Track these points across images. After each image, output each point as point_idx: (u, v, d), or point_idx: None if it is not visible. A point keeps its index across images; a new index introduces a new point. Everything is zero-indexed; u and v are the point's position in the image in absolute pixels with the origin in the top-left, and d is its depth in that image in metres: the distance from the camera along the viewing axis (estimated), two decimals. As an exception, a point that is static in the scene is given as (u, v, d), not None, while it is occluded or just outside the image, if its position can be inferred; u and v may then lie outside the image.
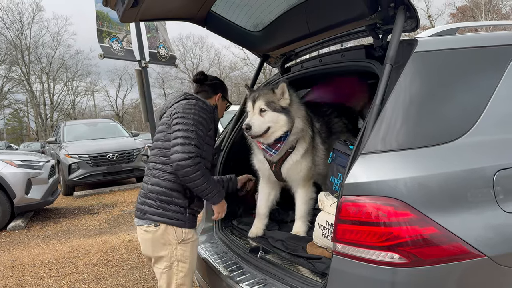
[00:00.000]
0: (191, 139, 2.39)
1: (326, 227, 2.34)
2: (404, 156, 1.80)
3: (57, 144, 12.51)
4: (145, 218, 2.50)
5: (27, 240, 7.00)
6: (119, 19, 2.73)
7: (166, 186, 2.48)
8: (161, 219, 2.46)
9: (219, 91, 2.89)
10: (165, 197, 2.48)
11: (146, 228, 2.50)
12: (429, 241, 1.69)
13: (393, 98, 1.88)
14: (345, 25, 2.40)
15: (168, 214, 2.47)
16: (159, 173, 2.51)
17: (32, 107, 42.43)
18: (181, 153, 2.34)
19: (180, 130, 2.42)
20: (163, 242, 2.48)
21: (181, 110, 2.50)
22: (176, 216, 2.49)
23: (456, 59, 2.05)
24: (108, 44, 7.99)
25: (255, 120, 2.64)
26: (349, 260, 1.79)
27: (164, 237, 2.47)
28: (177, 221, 2.48)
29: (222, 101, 2.92)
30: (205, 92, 2.85)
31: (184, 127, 2.42)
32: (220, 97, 2.89)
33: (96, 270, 5.16)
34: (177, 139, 2.39)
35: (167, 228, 2.47)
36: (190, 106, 2.51)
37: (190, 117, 2.45)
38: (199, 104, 2.54)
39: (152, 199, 2.50)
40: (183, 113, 2.48)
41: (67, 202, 10.37)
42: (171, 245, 2.49)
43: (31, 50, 40.20)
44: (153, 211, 2.48)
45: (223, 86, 2.95)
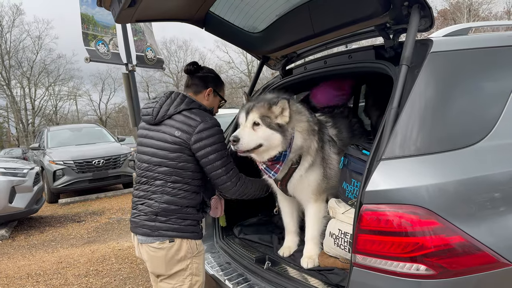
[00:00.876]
0: (230, 163, 2.45)
1: (338, 235, 2.24)
2: (424, 161, 1.72)
3: (40, 150, 12.18)
4: (157, 235, 2.35)
5: (12, 250, 6.74)
6: (114, 20, 2.60)
7: (183, 204, 2.38)
8: (177, 234, 2.36)
9: (210, 85, 2.61)
10: (180, 214, 2.38)
11: (158, 245, 2.34)
12: (456, 251, 1.61)
13: (411, 101, 1.80)
14: (353, 25, 2.31)
15: (183, 228, 2.38)
16: (173, 191, 2.36)
17: (13, 112, 41.44)
18: (231, 180, 2.44)
19: (217, 160, 2.38)
20: (179, 258, 2.37)
21: (204, 136, 2.34)
22: (192, 229, 2.42)
23: (473, 59, 1.98)
24: (94, 48, 7.80)
25: (244, 134, 2.38)
26: (371, 272, 1.69)
27: (179, 253, 2.37)
28: (192, 234, 2.42)
29: (214, 96, 2.65)
30: (194, 85, 2.60)
31: (219, 155, 2.38)
32: (212, 92, 2.61)
33: (86, 281, 4.97)
34: (219, 170, 2.40)
35: (182, 242, 2.37)
36: (208, 127, 2.36)
37: (218, 143, 2.39)
38: (213, 121, 2.41)
39: (166, 216, 2.36)
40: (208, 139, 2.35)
41: (52, 210, 10.08)
42: (186, 260, 2.39)
43: (11, 54, 39.27)
44: (168, 227, 2.35)
45: (216, 80, 2.67)
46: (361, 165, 2.10)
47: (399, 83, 1.85)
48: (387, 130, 1.77)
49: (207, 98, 2.60)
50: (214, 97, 2.65)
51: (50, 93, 43.89)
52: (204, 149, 2.34)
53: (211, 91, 2.61)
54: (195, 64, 2.63)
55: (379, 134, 1.82)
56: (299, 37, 2.76)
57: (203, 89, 2.59)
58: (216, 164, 2.37)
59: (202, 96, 2.59)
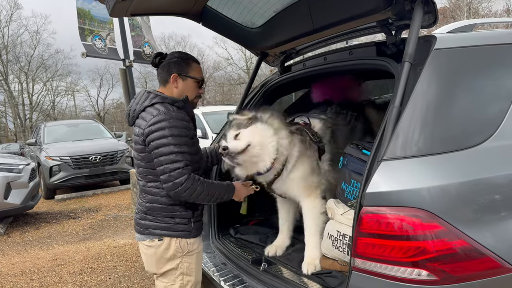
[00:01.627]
0: (178, 162, 2.18)
1: (337, 237, 2.18)
2: (427, 162, 1.67)
3: (37, 146, 12.08)
4: (147, 233, 2.35)
5: (7, 247, 6.67)
6: (108, 13, 2.52)
7: (166, 202, 2.31)
8: (164, 233, 2.31)
9: (173, 70, 2.39)
10: (167, 212, 2.33)
11: (148, 243, 2.35)
12: (459, 256, 1.55)
13: (414, 99, 1.74)
14: (355, 21, 2.25)
15: (171, 226, 2.32)
16: (154, 190, 2.32)
17: (10, 107, 41.25)
18: (174, 181, 2.18)
19: (164, 155, 2.19)
20: (168, 257, 2.33)
21: (153, 129, 2.19)
22: (181, 228, 2.34)
23: (478, 57, 1.93)
24: (91, 43, 7.71)
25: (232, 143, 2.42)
26: (371, 276, 1.64)
27: (168, 251, 2.32)
28: (182, 232, 2.34)
29: (184, 80, 2.40)
30: (160, 77, 2.44)
31: (166, 150, 2.18)
32: (177, 77, 2.38)
33: (81, 279, 4.91)
34: (162, 167, 2.19)
35: (171, 241, 2.32)
36: (160, 120, 2.20)
37: (168, 137, 2.18)
38: (169, 113, 2.23)
39: (153, 215, 2.34)
40: (157, 132, 2.19)
41: (49, 206, 10.00)
42: (176, 259, 2.34)
43: (9, 49, 39.03)
44: (156, 225, 2.33)
45: (179, 63, 2.41)
46: (361, 165, 2.04)
47: (401, 81, 1.79)
48: (388, 129, 1.71)
49: (176, 85, 2.40)
50: (184, 81, 2.41)
51: (48, 88, 43.77)
52: (151, 143, 2.21)
53: (177, 77, 2.39)
54: (159, 55, 2.48)
55: (380, 133, 1.76)
56: (298, 33, 2.70)
57: (168, 77, 2.40)
58: (160, 160, 2.20)
59: (170, 85, 2.41)
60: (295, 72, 2.95)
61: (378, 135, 1.77)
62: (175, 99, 2.35)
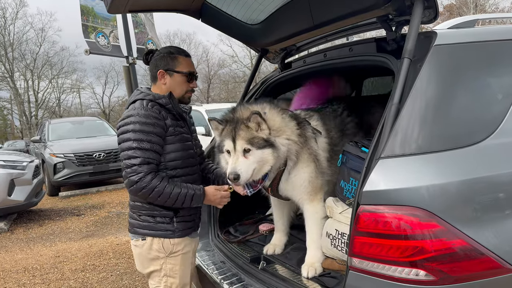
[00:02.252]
0: (135, 158, 2.11)
1: (335, 236, 2.15)
2: (425, 160, 1.64)
3: (41, 143, 12.14)
4: (132, 232, 2.35)
5: (10, 244, 6.70)
6: (106, 10, 2.51)
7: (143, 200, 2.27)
8: (146, 232, 2.28)
9: (159, 66, 2.31)
10: (147, 211, 2.29)
11: (135, 242, 2.35)
12: (458, 256, 1.52)
13: (413, 96, 1.71)
14: (354, 16, 2.21)
15: (153, 226, 2.27)
16: None
17: (16, 104, 41.48)
18: (128, 178, 2.11)
19: (123, 150, 2.15)
20: (151, 257, 2.30)
21: (119, 125, 2.21)
22: (163, 227, 2.28)
23: (480, 53, 1.89)
24: (94, 40, 7.72)
25: (242, 166, 2.19)
26: (368, 276, 1.61)
27: (151, 252, 2.29)
28: (164, 232, 2.28)
29: (172, 76, 2.32)
30: (150, 74, 2.37)
31: (125, 145, 2.15)
32: (164, 73, 2.31)
33: (83, 276, 4.92)
34: (122, 163, 2.16)
35: (153, 241, 2.27)
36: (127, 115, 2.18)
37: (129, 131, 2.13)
38: (138, 109, 2.18)
39: (136, 214, 2.33)
40: (121, 127, 2.18)
41: (53, 203, 10.05)
42: (159, 260, 2.30)
43: (14, 47, 39.24)
44: (138, 224, 2.31)
45: (166, 58, 2.32)
46: (360, 163, 2.01)
47: (400, 77, 1.76)
48: (387, 127, 1.68)
49: (163, 81, 2.33)
50: (172, 77, 2.32)
51: (53, 85, 43.99)
52: (117, 138, 2.20)
53: (163, 73, 2.31)
54: (149, 52, 2.42)
55: (378, 131, 1.73)
56: (298, 29, 2.67)
57: (155, 73, 2.33)
58: (122, 155, 2.17)
59: (159, 82, 2.34)
60: (296, 69, 2.92)
61: (377, 133, 1.74)
62: (157, 96, 2.27)
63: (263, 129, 2.25)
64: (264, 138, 2.23)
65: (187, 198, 2.21)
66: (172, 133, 2.26)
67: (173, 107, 2.29)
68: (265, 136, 2.24)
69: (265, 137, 2.23)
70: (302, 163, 2.39)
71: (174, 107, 2.30)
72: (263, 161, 2.24)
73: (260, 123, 2.23)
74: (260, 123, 2.23)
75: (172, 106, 2.29)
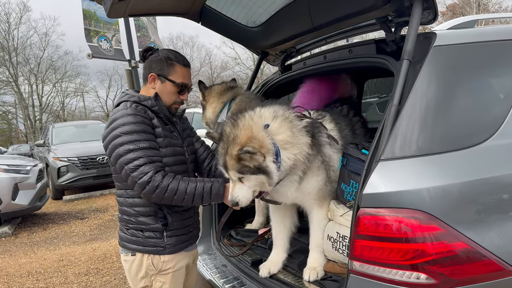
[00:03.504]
0: (137, 159, 1.95)
1: (337, 239, 2.14)
2: (426, 162, 1.63)
3: (45, 147, 12.18)
4: (122, 246, 2.20)
5: (14, 248, 6.72)
6: (106, 14, 2.51)
7: (130, 212, 2.12)
8: (135, 247, 2.12)
9: (153, 69, 2.16)
10: (135, 225, 2.12)
11: (124, 257, 2.20)
12: (459, 259, 1.51)
13: (413, 98, 1.70)
14: (353, 18, 2.21)
15: (142, 241, 2.11)
16: (120, 199, 2.16)
17: (21, 109, 41.66)
18: (137, 182, 1.94)
19: (120, 157, 1.97)
20: (141, 275, 2.14)
21: (105, 133, 2.04)
22: (152, 243, 2.10)
23: (480, 53, 1.88)
24: (96, 44, 7.74)
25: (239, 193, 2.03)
26: (368, 280, 1.60)
27: (141, 268, 2.13)
28: (153, 248, 2.11)
29: (163, 82, 2.16)
30: (143, 75, 2.23)
31: (121, 150, 1.97)
32: (156, 78, 2.16)
33: (86, 280, 4.92)
34: (124, 169, 1.97)
35: (143, 257, 2.12)
36: (111, 121, 2.04)
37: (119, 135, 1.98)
38: (122, 111, 2.04)
39: (125, 227, 2.17)
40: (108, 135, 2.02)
41: (57, 207, 10.08)
42: (148, 277, 2.14)
43: (18, 51, 39.42)
44: (128, 238, 2.15)
45: (161, 62, 2.16)
46: (360, 165, 1.99)
47: (400, 78, 1.75)
48: (386, 128, 1.67)
49: (153, 85, 2.18)
50: (163, 84, 2.17)
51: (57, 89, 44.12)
52: (109, 145, 2.01)
53: (155, 77, 2.15)
54: (148, 50, 2.26)
55: (378, 133, 1.72)
56: (298, 31, 2.67)
57: (147, 75, 2.18)
58: (120, 162, 1.98)
59: (148, 85, 2.19)
60: (296, 71, 2.91)
61: (377, 135, 1.73)
62: (143, 97, 2.13)
63: (256, 159, 1.97)
64: (256, 166, 1.98)
65: (206, 192, 2.04)
66: (160, 135, 2.11)
67: (160, 109, 2.15)
68: (257, 164, 1.98)
69: (256, 166, 1.98)
70: (313, 172, 2.21)
71: (161, 109, 2.15)
72: (260, 184, 2.05)
73: (252, 155, 1.95)
74: (252, 155, 1.95)
75: (159, 109, 2.14)
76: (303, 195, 2.25)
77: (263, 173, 1.99)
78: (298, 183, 2.18)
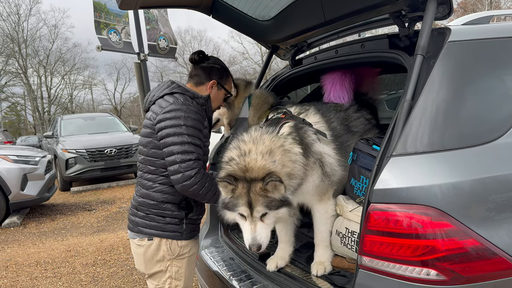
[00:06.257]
0: (190, 153, 2.09)
1: (345, 234, 2.14)
2: (438, 158, 1.61)
3: (54, 139, 12.29)
4: (137, 231, 2.26)
5: (23, 237, 6.80)
6: (117, 6, 2.51)
7: (158, 198, 2.21)
8: (154, 232, 2.21)
9: (214, 77, 2.39)
10: (157, 210, 2.21)
11: (138, 242, 2.27)
12: (470, 256, 1.50)
13: (426, 93, 1.68)
14: (367, 13, 2.19)
15: (162, 226, 2.21)
16: (148, 183, 2.23)
17: (30, 100, 41.92)
18: (183, 173, 2.06)
19: (175, 144, 2.08)
20: (157, 259, 2.24)
21: (168, 116, 2.12)
22: (172, 228, 2.22)
23: (494, 49, 1.86)
24: (106, 36, 7.76)
25: (261, 234, 2.01)
26: (378, 275, 1.59)
27: (158, 253, 2.22)
28: (172, 233, 2.22)
29: (219, 90, 2.44)
30: (196, 76, 2.39)
31: (178, 139, 2.09)
32: (215, 84, 2.39)
33: (94, 270, 4.97)
34: (173, 156, 2.08)
35: (161, 242, 2.21)
36: (176, 108, 2.13)
37: (182, 126, 2.10)
38: (186, 103, 2.17)
39: (144, 212, 2.24)
40: (171, 120, 2.11)
41: (64, 198, 10.16)
42: (165, 261, 2.24)
43: (28, 43, 39.60)
44: (145, 224, 2.23)
45: (222, 72, 2.43)
46: (371, 161, 1.99)
47: (413, 74, 1.73)
48: (399, 124, 1.66)
49: (210, 91, 2.39)
50: (219, 91, 2.45)
51: (66, 82, 44.37)
52: (163, 130, 2.12)
53: (215, 84, 2.40)
54: (201, 53, 2.43)
55: (390, 128, 1.71)
56: (309, 26, 2.64)
57: (206, 81, 2.38)
58: (170, 149, 2.09)
59: (204, 88, 2.38)
60: (307, 65, 2.89)
61: (388, 130, 1.72)
62: (196, 94, 2.30)
63: (280, 190, 2.01)
64: (281, 199, 2.02)
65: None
66: (206, 135, 2.29)
67: (207, 109, 2.34)
68: (282, 196, 2.02)
69: (281, 198, 2.02)
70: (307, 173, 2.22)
71: (208, 109, 2.35)
72: (279, 219, 2.10)
73: (277, 185, 1.99)
74: (277, 185, 1.99)
75: (206, 108, 2.33)
76: (302, 195, 2.27)
77: (287, 205, 2.04)
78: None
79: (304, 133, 2.25)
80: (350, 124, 2.59)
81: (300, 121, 2.31)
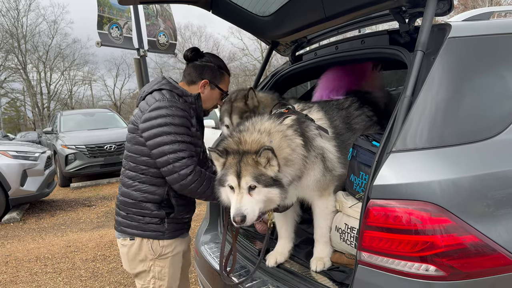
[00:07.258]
0: (182, 151, 2.05)
1: (345, 230, 2.14)
2: (438, 154, 1.61)
3: (53, 134, 12.28)
4: (120, 231, 2.26)
5: (22, 233, 6.81)
6: (117, 1, 2.50)
7: (137, 197, 2.18)
8: (135, 232, 2.20)
9: (206, 76, 2.32)
10: (137, 209, 2.19)
11: (122, 242, 2.27)
12: (469, 251, 1.50)
13: (426, 89, 1.68)
14: (367, 8, 2.18)
15: (142, 226, 2.19)
16: (129, 182, 2.21)
17: (29, 96, 41.94)
18: (179, 172, 2.04)
19: (166, 144, 2.04)
20: (140, 258, 2.23)
21: (153, 115, 2.08)
22: (152, 228, 2.20)
23: (495, 46, 1.85)
24: (106, 31, 7.72)
25: (247, 205, 1.92)
26: (377, 271, 1.60)
27: (140, 253, 2.21)
28: (153, 233, 2.20)
29: (212, 89, 2.36)
30: (188, 75, 2.34)
31: (167, 139, 2.04)
32: (207, 84, 2.32)
33: (93, 266, 4.98)
34: (165, 157, 2.04)
35: (143, 242, 2.20)
36: (161, 106, 2.09)
37: (169, 124, 2.05)
38: (172, 101, 2.12)
39: (125, 211, 2.23)
40: (157, 119, 2.06)
41: (64, 194, 10.18)
42: (148, 261, 2.23)
43: (27, 39, 39.57)
44: (127, 223, 2.22)
45: (215, 71, 2.35)
46: (370, 157, 1.99)
47: (413, 70, 1.73)
48: (399, 120, 1.66)
49: (202, 90, 2.33)
50: (212, 90, 2.37)
51: (65, 77, 44.37)
52: (150, 130, 2.07)
53: (207, 83, 2.33)
54: (194, 50, 2.36)
55: (390, 124, 1.71)
56: (309, 21, 2.64)
57: (198, 80, 2.32)
58: (161, 150, 2.05)
59: (196, 87, 2.33)
60: (307, 61, 2.89)
61: (388, 126, 1.72)
62: (185, 92, 2.25)
63: (273, 165, 1.97)
64: (272, 177, 1.97)
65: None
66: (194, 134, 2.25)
67: (197, 108, 2.29)
68: (274, 174, 1.98)
69: (273, 176, 1.97)
70: (309, 167, 2.20)
71: (198, 108, 2.29)
72: (269, 200, 2.00)
73: (271, 159, 1.95)
74: (271, 159, 1.95)
75: (196, 107, 2.28)
76: (303, 189, 2.26)
77: (279, 186, 1.97)
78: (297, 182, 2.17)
79: (306, 127, 2.23)
80: (352, 122, 2.58)
81: (302, 116, 2.29)
